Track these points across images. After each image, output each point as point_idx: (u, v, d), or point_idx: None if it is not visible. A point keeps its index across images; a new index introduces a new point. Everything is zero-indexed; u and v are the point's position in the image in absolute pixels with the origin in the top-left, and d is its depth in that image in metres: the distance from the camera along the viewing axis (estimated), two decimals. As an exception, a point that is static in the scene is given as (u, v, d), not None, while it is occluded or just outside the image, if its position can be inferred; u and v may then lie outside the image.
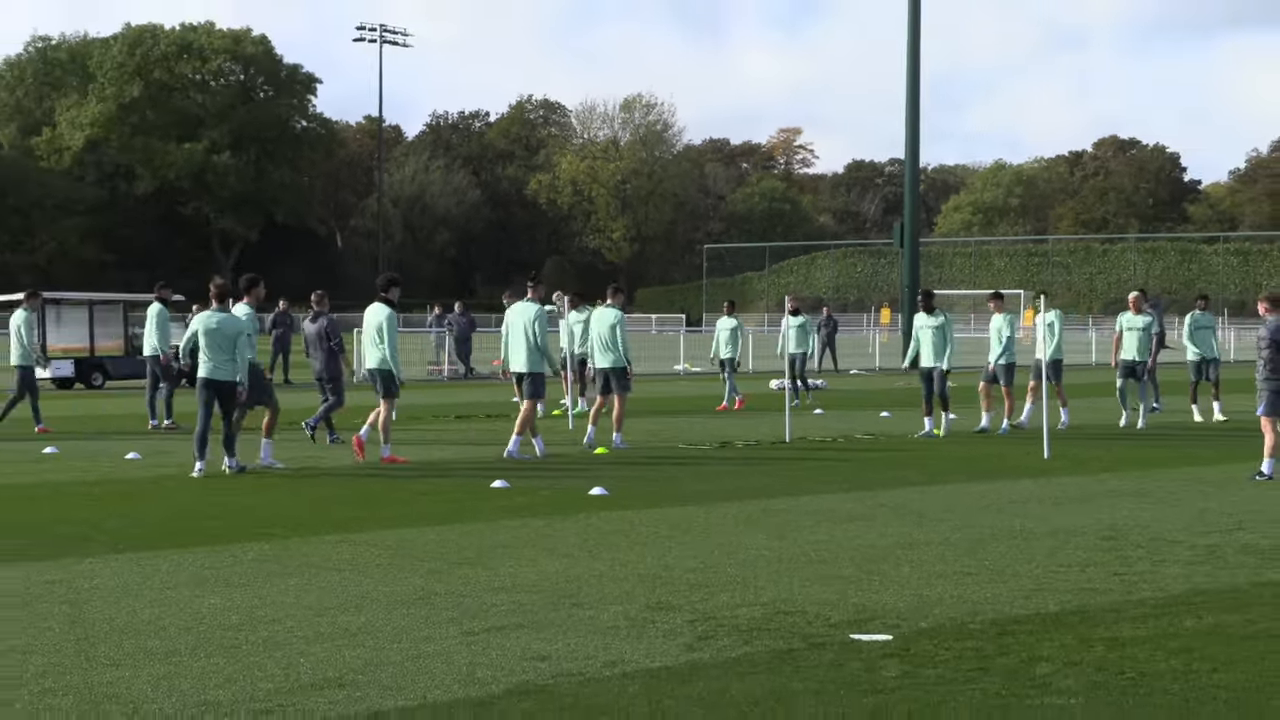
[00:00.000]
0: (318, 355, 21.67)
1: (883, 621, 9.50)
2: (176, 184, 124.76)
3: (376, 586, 10.69)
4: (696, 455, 20.59)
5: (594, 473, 17.72)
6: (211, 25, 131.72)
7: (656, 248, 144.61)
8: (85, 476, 17.86)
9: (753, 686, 7.92)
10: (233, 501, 15.61)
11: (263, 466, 18.49)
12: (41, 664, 8.42)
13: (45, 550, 12.29)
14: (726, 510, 14.76)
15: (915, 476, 17.78)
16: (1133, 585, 10.80)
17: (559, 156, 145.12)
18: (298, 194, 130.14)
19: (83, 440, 22.40)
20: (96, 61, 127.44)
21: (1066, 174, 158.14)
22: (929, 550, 12.30)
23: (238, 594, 10.43)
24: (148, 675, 8.16)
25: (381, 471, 18.36)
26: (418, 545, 12.56)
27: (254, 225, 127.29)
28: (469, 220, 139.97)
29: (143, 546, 12.47)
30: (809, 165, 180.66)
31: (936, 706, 7.54)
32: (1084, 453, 20.69)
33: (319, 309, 22.11)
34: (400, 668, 8.31)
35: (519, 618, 9.61)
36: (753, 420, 26.33)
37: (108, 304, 39.21)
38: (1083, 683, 8.01)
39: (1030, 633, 9.19)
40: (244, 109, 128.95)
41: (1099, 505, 15.20)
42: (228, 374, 17.98)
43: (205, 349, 17.97)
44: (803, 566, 11.53)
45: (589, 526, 13.64)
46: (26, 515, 14.55)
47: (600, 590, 10.54)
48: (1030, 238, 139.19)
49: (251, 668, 8.32)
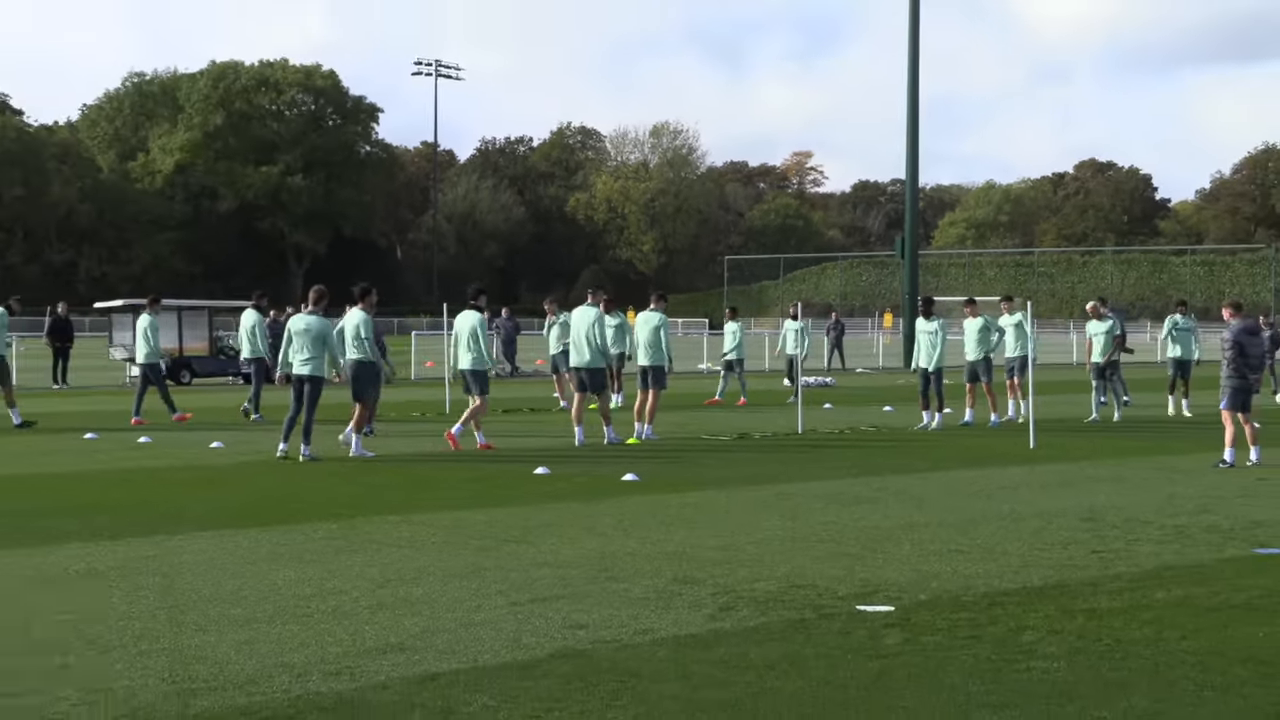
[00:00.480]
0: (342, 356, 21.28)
1: (885, 594, 9.49)
2: (255, 202, 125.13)
3: (432, 562, 10.71)
4: (718, 445, 20.56)
5: (626, 460, 17.72)
6: (286, 61, 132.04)
7: (682, 259, 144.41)
8: (175, 463, 17.93)
9: (769, 652, 7.91)
10: (304, 486, 15.65)
11: (356, 455, 18.45)
12: (138, 629, 8.47)
13: (141, 528, 12.35)
14: (745, 494, 14.75)
15: (915, 464, 17.74)
16: (1109, 562, 10.77)
17: (595, 177, 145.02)
18: (362, 211, 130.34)
19: (173, 430, 22.48)
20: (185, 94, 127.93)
21: (1050, 193, 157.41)
22: (927, 531, 12.27)
23: (309, 568, 10.46)
24: (231, 640, 8.19)
25: (436, 459, 18.38)
26: (469, 525, 12.57)
27: (323, 239, 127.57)
28: (514, 234, 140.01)
29: (226, 525, 12.51)
30: (819, 185, 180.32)
31: (934, 670, 7.53)
32: (1066, 443, 20.61)
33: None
34: (454, 634, 8.32)
35: (560, 590, 9.62)
36: (768, 414, 26.30)
37: (194, 310, 39.33)
38: (1064, 649, 7.99)
39: (1018, 604, 9.17)
40: (315, 135, 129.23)
41: (1079, 490, 15.14)
42: (316, 369, 18.19)
43: (296, 347, 18.16)
44: (813, 545, 11.52)
45: (622, 509, 13.64)
46: (125, 497, 14.62)
47: (632, 566, 10.54)
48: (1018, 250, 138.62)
49: (322, 634, 8.34)
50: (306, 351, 18.19)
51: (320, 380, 18.30)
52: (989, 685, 7.22)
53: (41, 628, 8.50)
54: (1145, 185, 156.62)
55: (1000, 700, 6.95)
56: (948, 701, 6.92)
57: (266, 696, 7.01)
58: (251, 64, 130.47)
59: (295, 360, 18.25)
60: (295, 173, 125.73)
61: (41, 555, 10.98)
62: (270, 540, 11.72)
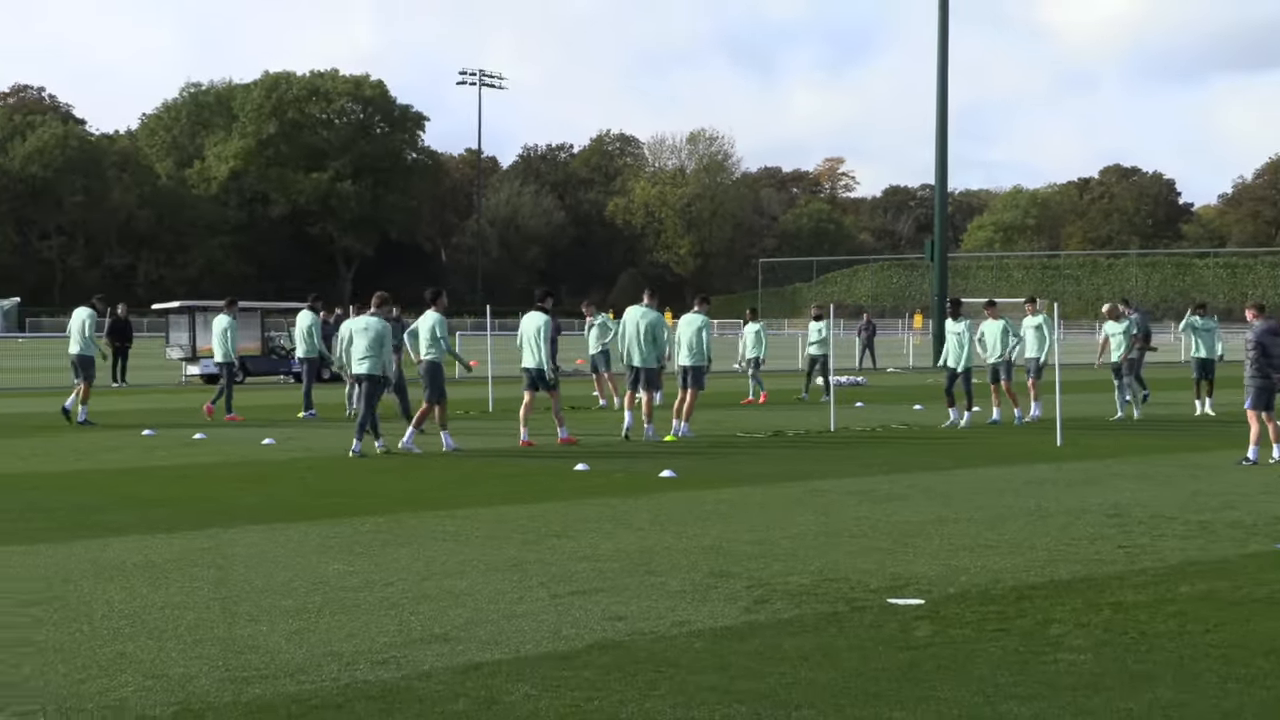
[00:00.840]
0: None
1: (916, 588, 9.44)
2: (305, 208, 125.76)
3: (476, 555, 10.72)
4: (752, 443, 20.52)
5: (664, 458, 17.70)
6: (336, 72, 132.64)
7: (718, 262, 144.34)
8: (229, 459, 18.01)
9: (802, 643, 7.88)
10: (352, 481, 15.69)
11: (449, 449, 18.63)
12: (193, 619, 8.50)
13: (196, 521, 12.41)
14: (779, 491, 14.70)
15: (944, 462, 17.66)
16: (1135, 556, 10.68)
17: (633, 183, 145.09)
18: (408, 216, 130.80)
19: (227, 428, 22.59)
20: (239, 103, 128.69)
21: (1076, 197, 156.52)
22: (956, 526, 12.21)
23: (358, 560, 10.48)
24: (282, 630, 8.21)
25: (479, 455, 18.40)
26: (511, 520, 12.57)
27: (371, 243, 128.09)
28: (555, 238, 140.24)
29: (277, 519, 12.56)
30: (851, 190, 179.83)
31: (963, 661, 7.48)
32: (1092, 441, 20.48)
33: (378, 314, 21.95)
34: (496, 625, 8.32)
35: (599, 583, 9.61)
36: (801, 412, 26.23)
37: (247, 311, 39.40)
38: (1091, 641, 7.93)
39: (1045, 598, 9.11)
40: (363, 143, 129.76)
41: (1105, 487, 15.04)
42: (374, 368, 18.35)
43: (357, 347, 18.38)
44: (846, 540, 11.48)
45: (659, 504, 13.62)
46: (180, 492, 14.69)
47: (669, 560, 10.52)
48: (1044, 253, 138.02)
49: (369, 624, 8.35)
50: (365, 351, 18.36)
51: (377, 379, 18.43)
52: (1017, 676, 7.17)
53: (102, 617, 8.55)
54: (1169, 189, 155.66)
55: (1028, 691, 6.90)
56: (976, 692, 6.87)
57: (316, 685, 7.03)
58: (303, 74, 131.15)
59: (354, 360, 18.46)
60: (344, 179, 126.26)
61: (100, 548, 11.04)
62: (320, 534, 11.75)
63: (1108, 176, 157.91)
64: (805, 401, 28.79)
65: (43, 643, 7.88)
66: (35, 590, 9.36)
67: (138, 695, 6.83)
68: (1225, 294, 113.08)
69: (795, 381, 32.14)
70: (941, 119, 51.07)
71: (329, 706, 6.65)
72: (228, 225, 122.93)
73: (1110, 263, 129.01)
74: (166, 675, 7.19)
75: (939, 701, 6.72)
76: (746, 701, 6.72)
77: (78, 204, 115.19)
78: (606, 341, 26.77)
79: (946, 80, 50.69)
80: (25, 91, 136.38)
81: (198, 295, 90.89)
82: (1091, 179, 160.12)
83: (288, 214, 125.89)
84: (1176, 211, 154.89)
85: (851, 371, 41.72)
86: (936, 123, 51.23)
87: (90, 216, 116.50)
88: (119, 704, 6.69)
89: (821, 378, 29.35)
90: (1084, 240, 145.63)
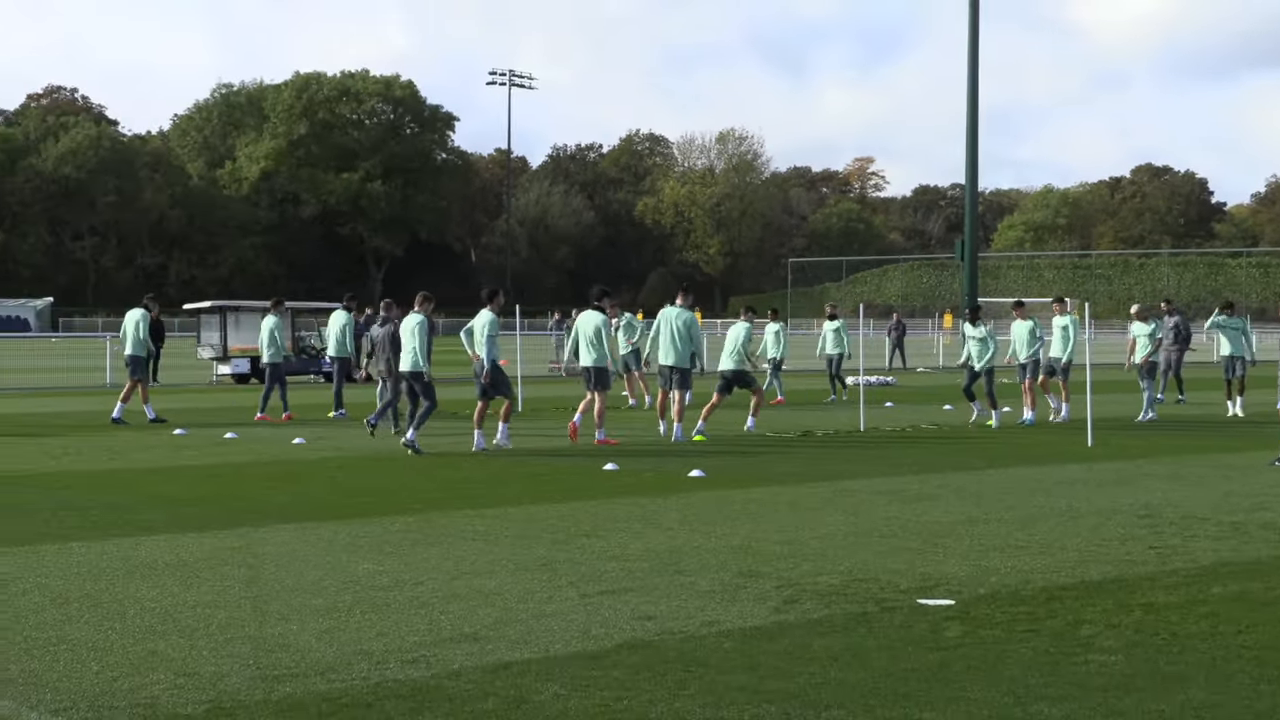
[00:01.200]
0: (383, 356, 21.38)
1: (946, 588, 9.41)
2: (336, 208, 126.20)
3: (505, 554, 10.73)
4: (782, 442, 20.49)
5: (693, 457, 17.69)
6: (367, 72, 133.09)
7: (747, 261, 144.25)
8: (259, 458, 18.09)
9: (832, 643, 7.87)
10: (382, 481, 15.73)
11: (497, 446, 18.88)
12: (224, 617, 8.53)
13: (226, 520, 12.46)
14: (808, 490, 14.68)
15: (974, 462, 17.61)
16: (1166, 557, 10.63)
17: (663, 182, 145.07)
18: (438, 216, 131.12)
19: (256, 427, 22.68)
20: (270, 104, 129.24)
21: (1107, 197, 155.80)
22: (987, 526, 12.17)
23: (387, 560, 10.50)
24: (312, 628, 8.24)
25: (509, 455, 18.44)
26: (541, 519, 12.59)
27: (400, 243, 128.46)
28: (585, 238, 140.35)
29: (307, 518, 12.60)
30: (880, 189, 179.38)
31: (993, 662, 7.46)
32: (1123, 441, 20.39)
33: (387, 315, 22.06)
34: (526, 625, 8.33)
35: (628, 583, 9.61)
36: (830, 412, 26.19)
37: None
38: (1122, 642, 7.89)
39: (1076, 599, 9.07)
40: (393, 143, 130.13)
41: (1136, 487, 14.97)
42: (415, 365, 18.80)
43: (406, 347, 18.95)
44: (875, 540, 11.45)
45: (688, 504, 13.62)
46: (211, 491, 14.76)
47: (698, 560, 10.52)
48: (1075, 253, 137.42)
49: (399, 623, 8.38)
50: (410, 349, 18.87)
51: (421, 375, 18.87)
52: (1047, 677, 7.15)
53: (133, 615, 8.59)
54: (1201, 189, 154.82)
55: (1058, 692, 6.87)
56: (1007, 693, 6.85)
57: (346, 683, 7.05)
58: (333, 75, 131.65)
59: (403, 358, 19.05)
60: (375, 179, 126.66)
61: (132, 546, 11.10)
62: (350, 533, 11.79)
63: (1139, 175, 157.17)
64: (835, 403, 28.72)
65: (75, 640, 7.93)
66: (68, 588, 9.42)
67: (169, 693, 6.87)
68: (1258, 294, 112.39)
69: (819, 381, 32.06)
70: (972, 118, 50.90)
71: (359, 705, 6.68)
72: (258, 226, 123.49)
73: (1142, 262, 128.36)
74: (198, 673, 7.23)
75: (969, 702, 6.70)
76: (776, 701, 6.71)
77: (110, 204, 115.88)
78: (635, 341, 26.77)
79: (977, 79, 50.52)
80: (58, 93, 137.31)
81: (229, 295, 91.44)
82: (1123, 178, 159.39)
83: (318, 214, 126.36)
84: (1209, 210, 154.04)
85: (881, 371, 41.62)
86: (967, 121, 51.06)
87: (122, 217, 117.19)
88: (151, 702, 6.73)
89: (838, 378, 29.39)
90: (1115, 240, 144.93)
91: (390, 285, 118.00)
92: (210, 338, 38.91)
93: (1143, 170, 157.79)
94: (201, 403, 25.49)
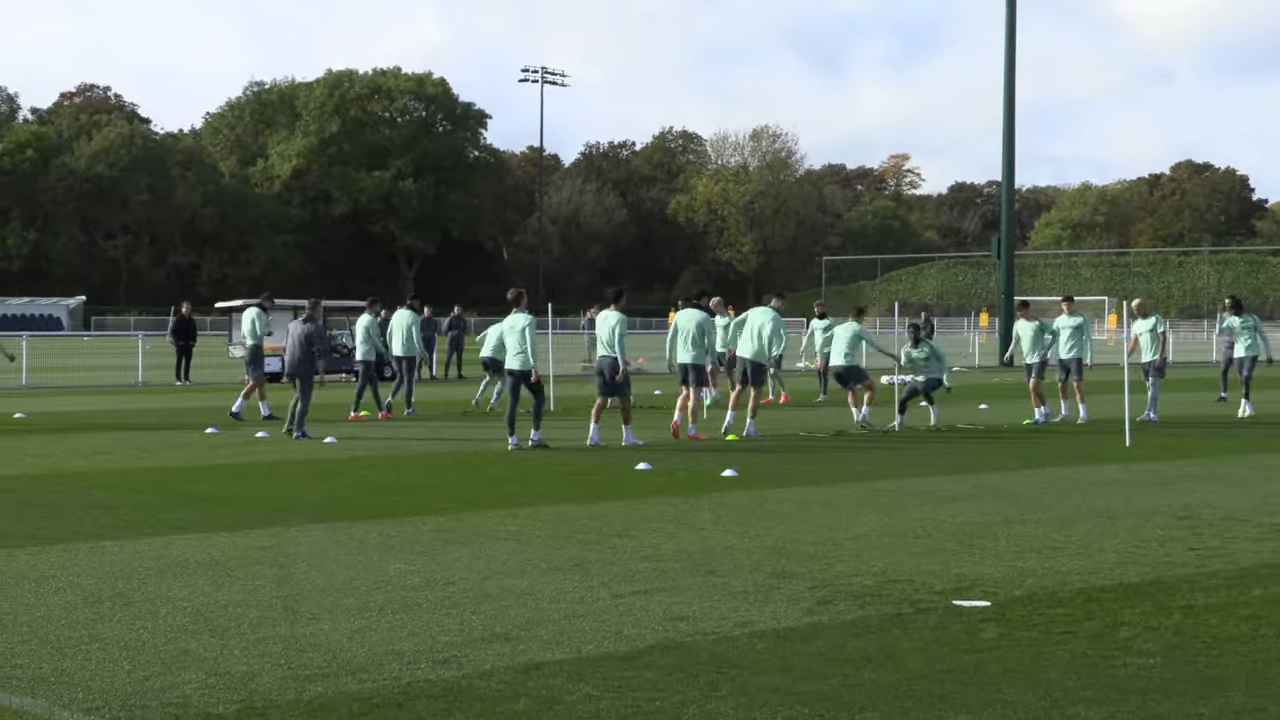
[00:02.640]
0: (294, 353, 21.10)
1: (982, 590, 9.38)
2: (367, 206, 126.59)
3: (537, 554, 10.75)
4: (814, 442, 20.46)
5: (725, 456, 17.68)
6: (399, 70, 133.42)
7: (781, 259, 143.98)
8: (291, 457, 18.16)
9: (866, 645, 7.85)
10: (413, 479, 15.78)
11: (627, 445, 19.24)
12: (255, 616, 8.57)
13: (258, 520, 12.52)
14: (842, 490, 14.65)
15: (1011, 462, 17.53)
16: (1206, 559, 10.56)
17: (696, 180, 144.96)
18: (470, 214, 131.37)
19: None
20: (302, 102, 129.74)
21: (1146, 194, 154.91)
22: (1023, 527, 12.12)
23: (419, 559, 10.53)
24: (344, 628, 8.26)
25: (540, 455, 18.45)
26: (572, 519, 12.60)
27: (432, 241, 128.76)
28: (617, 236, 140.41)
29: (339, 517, 12.64)
30: (916, 187, 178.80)
31: (1030, 665, 7.42)
32: (1161, 441, 20.27)
33: (311, 313, 21.61)
34: (558, 625, 8.34)
35: (661, 583, 9.61)
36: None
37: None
38: (1161, 645, 7.84)
39: (1114, 601, 9.02)
40: (425, 141, 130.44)
41: (1175, 488, 14.88)
42: (524, 364, 19.14)
43: (509, 345, 19.34)
44: (910, 541, 11.42)
45: (721, 504, 13.61)
46: (243, 490, 14.82)
47: (731, 560, 10.50)
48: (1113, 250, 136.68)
49: (431, 623, 8.39)
50: (515, 347, 19.18)
51: (529, 374, 19.20)
52: (1085, 680, 7.11)
53: (165, 614, 8.64)
54: (1242, 186, 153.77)
55: (1096, 695, 6.83)
56: (1044, 696, 6.82)
57: (377, 683, 7.07)
58: (365, 72, 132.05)
59: (508, 356, 19.42)
60: (406, 177, 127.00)
61: (164, 545, 11.16)
62: (381, 532, 11.82)
63: (1179, 172, 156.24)
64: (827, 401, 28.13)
65: (107, 639, 7.98)
66: (100, 587, 9.48)
67: (201, 693, 6.90)
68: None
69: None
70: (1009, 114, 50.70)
71: (390, 705, 6.69)
72: (290, 224, 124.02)
73: (1181, 260, 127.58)
74: (229, 673, 7.26)
75: (1005, 705, 6.67)
76: (809, 703, 6.70)
77: (142, 203, 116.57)
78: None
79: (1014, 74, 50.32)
80: (91, 91, 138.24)
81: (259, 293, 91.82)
82: (1162, 175, 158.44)
83: (350, 212, 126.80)
84: (1250, 208, 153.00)
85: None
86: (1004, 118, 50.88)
87: (154, 215, 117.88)
88: (182, 701, 6.76)
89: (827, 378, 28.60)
90: (1154, 238, 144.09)
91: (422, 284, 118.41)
92: (242, 336, 39.04)
93: (1183, 167, 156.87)
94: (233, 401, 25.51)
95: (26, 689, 6.98)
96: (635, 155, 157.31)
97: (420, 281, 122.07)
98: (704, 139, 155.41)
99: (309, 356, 20.88)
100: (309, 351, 20.87)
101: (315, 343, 20.97)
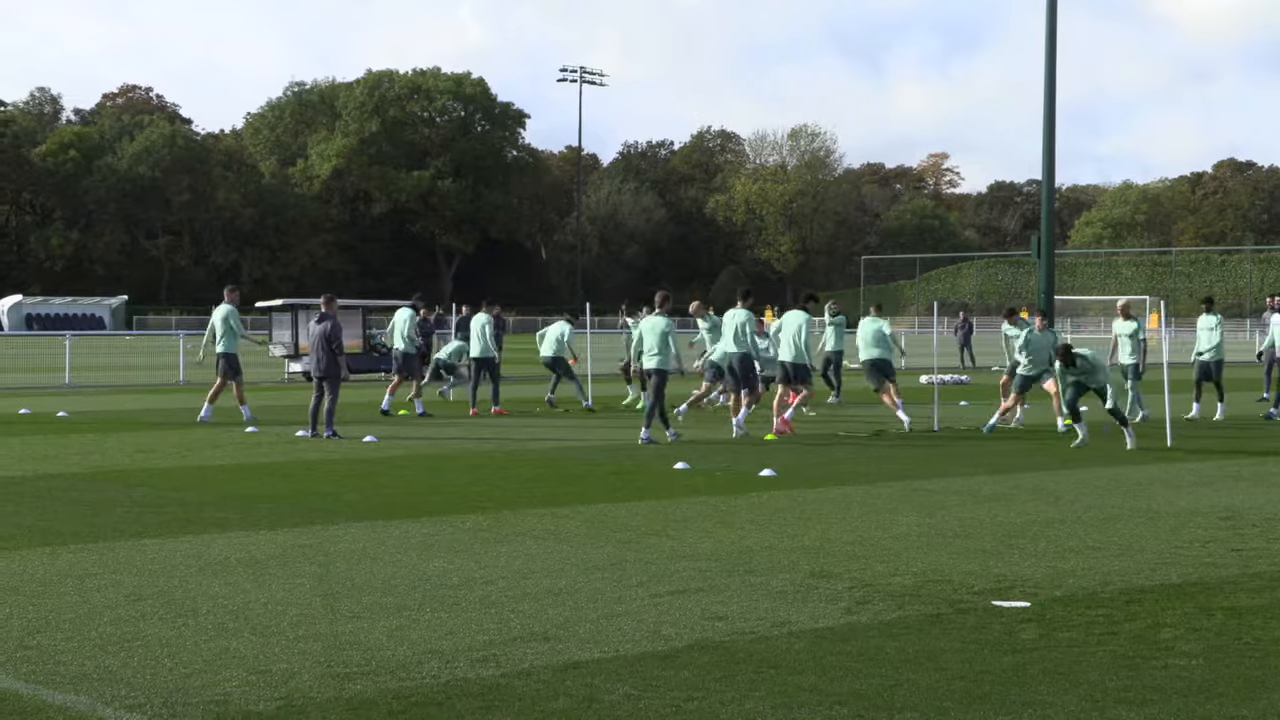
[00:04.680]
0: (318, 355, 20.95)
1: (1021, 590, 9.33)
2: (406, 205, 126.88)
3: (575, 553, 10.76)
4: (853, 442, 20.40)
5: (764, 456, 17.66)
6: (438, 70, 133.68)
7: (820, 259, 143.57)
8: (330, 456, 18.24)
9: (905, 645, 7.83)
10: (452, 478, 15.82)
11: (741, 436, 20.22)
12: (295, 615, 8.61)
13: (298, 518, 12.58)
14: (880, 490, 14.61)
15: (1050, 462, 17.44)
16: (1249, 560, 10.48)
17: (734, 180, 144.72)
18: (508, 214, 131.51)
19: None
20: (342, 102, 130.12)
21: (1188, 193, 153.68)
22: (1063, 527, 12.06)
23: (458, 558, 10.56)
24: (383, 627, 8.30)
25: (580, 456, 18.47)
26: (611, 518, 12.61)
27: (471, 241, 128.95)
28: (655, 235, 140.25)
29: (378, 516, 12.69)
30: (955, 186, 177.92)
31: (1070, 666, 7.38)
32: (1203, 442, 20.13)
33: (327, 310, 21.49)
34: (596, 625, 8.35)
35: (699, 582, 9.60)
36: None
37: (349, 308, 39.74)
38: (1203, 646, 7.79)
39: (1155, 601, 8.96)
40: (464, 141, 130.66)
41: (1218, 488, 14.77)
42: (661, 364, 19.96)
43: (647, 345, 20.16)
44: (949, 541, 11.38)
45: (759, 503, 13.59)
46: (283, 489, 14.90)
47: (769, 560, 10.49)
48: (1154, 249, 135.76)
49: (469, 622, 8.42)
50: (654, 347, 19.99)
51: (664, 373, 19.99)
52: (1126, 681, 7.07)
53: (206, 612, 8.69)
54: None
55: (1138, 697, 6.79)
56: (1084, 697, 6.78)
57: (417, 682, 7.10)
58: (405, 73, 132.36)
59: (645, 355, 20.27)
60: (445, 177, 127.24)
61: (204, 544, 11.23)
62: (421, 531, 11.86)
63: (1222, 171, 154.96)
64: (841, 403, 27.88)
65: (149, 637, 8.04)
66: (142, 585, 9.55)
67: (241, 691, 6.94)
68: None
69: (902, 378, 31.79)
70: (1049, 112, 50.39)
71: (430, 704, 6.72)
72: (330, 223, 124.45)
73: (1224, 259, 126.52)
74: (269, 671, 7.30)
75: (1045, 706, 6.64)
76: (847, 703, 6.68)
77: (184, 203, 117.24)
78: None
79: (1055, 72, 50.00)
80: (133, 92, 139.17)
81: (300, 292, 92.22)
82: (1204, 173, 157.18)
83: (389, 212, 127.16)
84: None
85: (955, 370, 41.33)
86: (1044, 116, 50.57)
87: (196, 215, 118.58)
88: (223, 699, 6.80)
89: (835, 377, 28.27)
90: (1196, 236, 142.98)
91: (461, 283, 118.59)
92: (282, 336, 39.27)
93: (1225, 165, 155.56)
94: (273, 400, 25.71)
95: (70, 686, 7.04)
96: (673, 155, 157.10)
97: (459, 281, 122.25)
98: (742, 138, 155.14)
99: (333, 356, 20.87)
100: (331, 350, 20.85)
101: (334, 340, 20.98)
